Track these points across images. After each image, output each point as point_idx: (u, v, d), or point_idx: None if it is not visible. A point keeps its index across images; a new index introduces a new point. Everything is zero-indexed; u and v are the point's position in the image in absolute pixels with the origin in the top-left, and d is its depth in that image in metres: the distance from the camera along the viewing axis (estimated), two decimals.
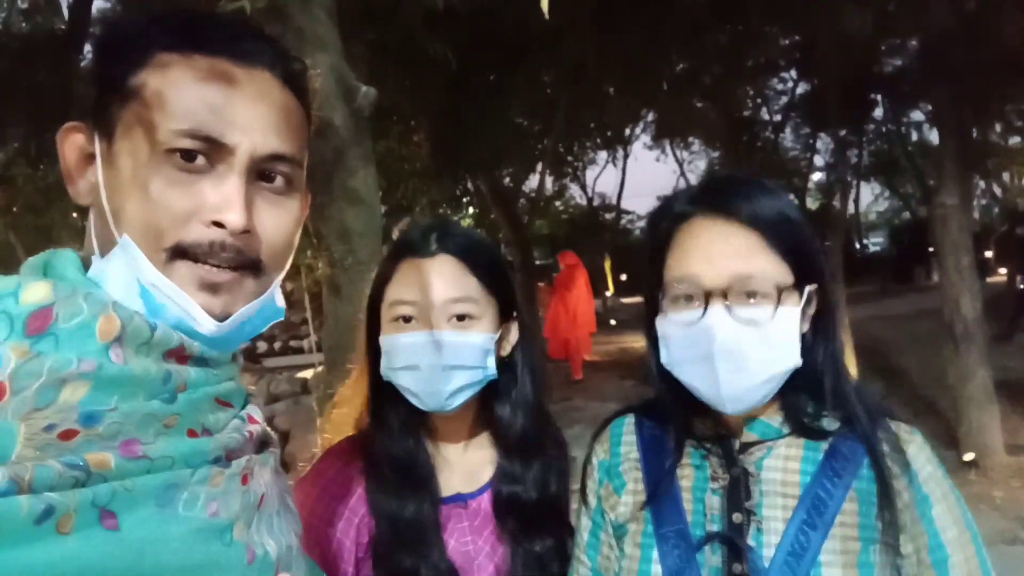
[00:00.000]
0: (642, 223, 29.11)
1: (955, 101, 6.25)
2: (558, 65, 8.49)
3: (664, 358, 1.12)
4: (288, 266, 0.85)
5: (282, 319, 0.85)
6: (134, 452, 0.67)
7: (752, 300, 1.04)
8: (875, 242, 32.11)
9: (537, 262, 14.84)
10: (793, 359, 1.06)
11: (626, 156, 19.85)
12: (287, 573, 0.81)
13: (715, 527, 1.09)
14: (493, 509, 1.32)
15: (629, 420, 1.26)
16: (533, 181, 12.86)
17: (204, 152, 0.74)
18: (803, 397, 1.12)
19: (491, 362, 1.27)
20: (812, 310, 1.11)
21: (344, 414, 1.43)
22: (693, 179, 24.56)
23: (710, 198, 1.11)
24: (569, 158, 13.79)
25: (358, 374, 1.39)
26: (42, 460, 0.61)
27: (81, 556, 0.61)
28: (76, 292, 0.69)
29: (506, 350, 1.34)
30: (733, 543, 1.07)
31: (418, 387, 1.23)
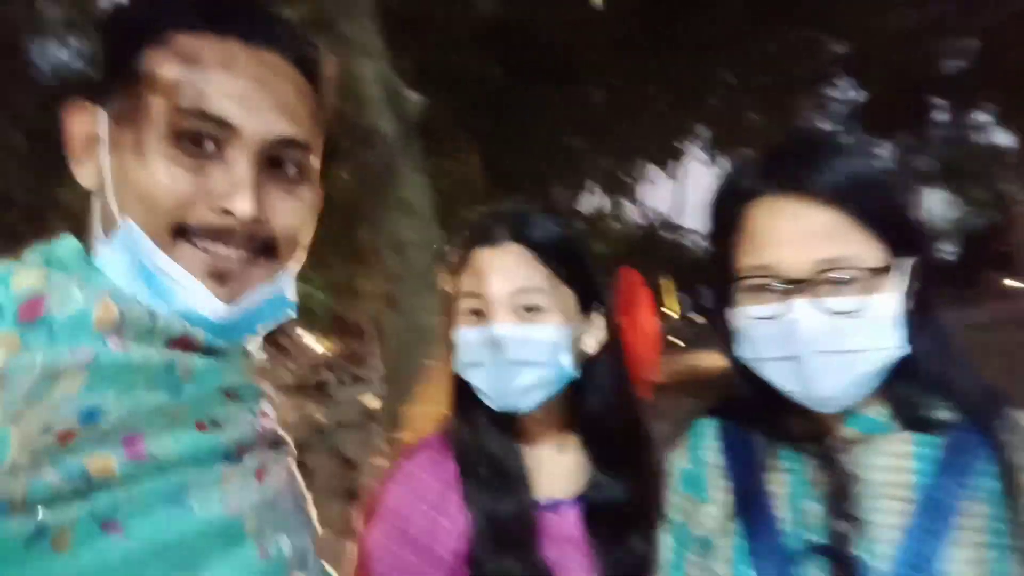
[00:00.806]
0: (705, 242, 28.53)
1: (1019, 100, 5.99)
2: (607, 82, 8.41)
3: (744, 353, 1.00)
4: (302, 257, 0.82)
5: (294, 311, 0.82)
6: (139, 453, 0.64)
7: (842, 288, 0.91)
8: (946, 251, 31.04)
9: None
10: (897, 347, 0.92)
11: (683, 174, 19.58)
12: (302, 572, 0.80)
13: (815, 536, 0.96)
14: (584, 519, 1.23)
15: (710, 423, 1.13)
16: (587, 200, 12.78)
17: (212, 136, 0.72)
18: (911, 384, 0.97)
19: (567, 359, 1.18)
20: (916, 286, 0.96)
21: (424, 412, 1.38)
22: None
23: (781, 173, 0.96)
24: (620, 175, 13.64)
25: (438, 370, 1.34)
26: (37, 470, 0.58)
27: (81, 566, 0.60)
28: (71, 280, 0.67)
29: (591, 347, 1.24)
30: (839, 555, 0.93)
31: (486, 385, 1.17)
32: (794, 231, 0.92)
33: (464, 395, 1.23)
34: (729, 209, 1.00)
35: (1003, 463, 0.90)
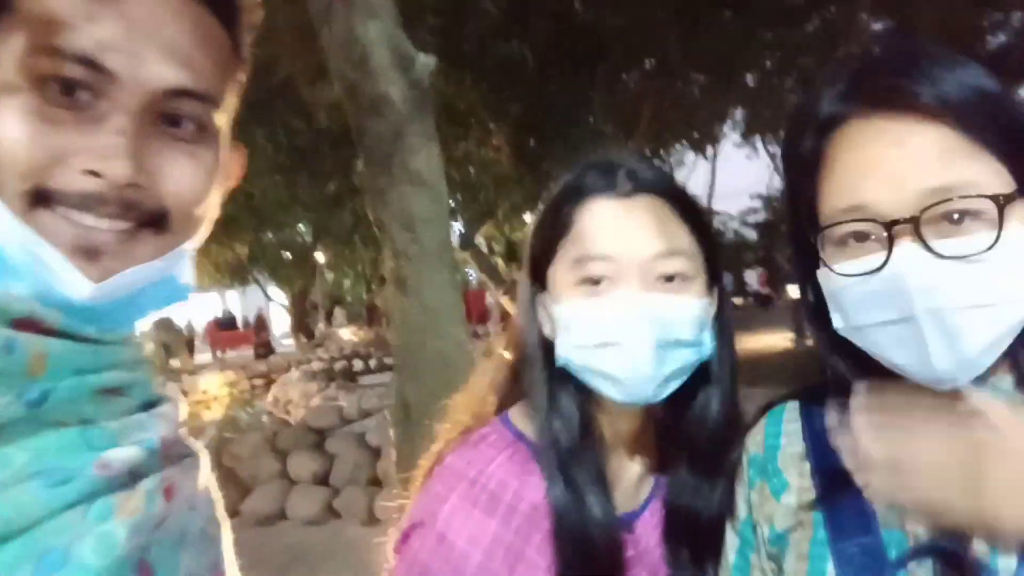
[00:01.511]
0: (735, 224, 28.33)
1: None
2: (640, 63, 8.22)
3: (838, 323, 0.81)
4: (202, 232, 0.70)
5: (187, 299, 0.71)
6: None
7: (959, 224, 0.71)
8: None
9: None
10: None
11: (715, 155, 19.27)
12: None
13: (921, 529, 0.77)
14: (665, 532, 1.04)
15: (792, 407, 0.95)
16: None
17: (86, 83, 0.60)
18: None
19: (708, 337, 0.99)
20: None
21: (466, 403, 1.15)
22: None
23: (873, 87, 0.77)
24: (655, 160, 13.41)
25: (498, 354, 1.13)
26: None
27: None
28: None
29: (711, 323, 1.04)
30: (953, 557, 0.74)
31: (620, 370, 0.93)
32: (893, 158, 0.73)
33: (555, 388, 1.01)
34: (808, 143, 0.80)
35: None
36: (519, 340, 1.08)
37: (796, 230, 0.85)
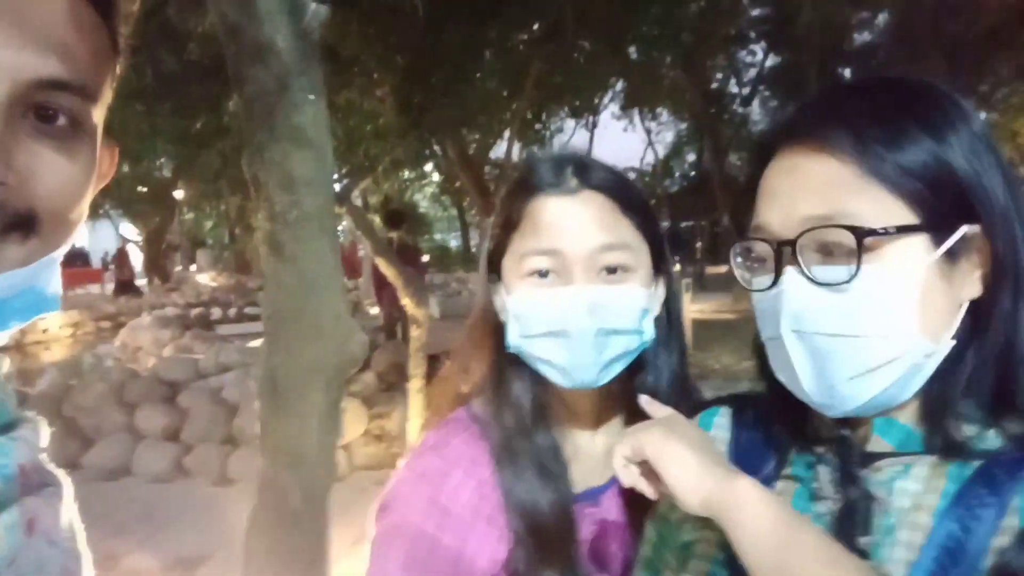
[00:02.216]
0: None
1: (928, 75, 6.15)
2: (531, 24, 8.16)
3: (760, 334, 0.85)
4: (73, 236, 0.63)
5: (57, 310, 0.62)
6: None
7: (834, 255, 0.74)
8: None
9: None
10: (913, 339, 0.72)
11: (595, 125, 19.58)
12: None
13: None
14: (629, 506, 1.09)
15: (724, 413, 0.98)
16: (500, 148, 12.58)
17: None
18: (961, 398, 0.76)
19: (649, 325, 1.06)
20: (982, 265, 0.75)
21: (444, 392, 1.20)
22: (661, 150, 24.67)
23: (795, 123, 0.81)
24: (537, 125, 13.47)
25: (468, 343, 1.17)
26: None
27: None
28: None
29: (656, 309, 1.10)
30: None
31: (565, 358, 1.01)
32: (788, 186, 0.77)
33: (506, 372, 1.09)
34: (755, 170, 0.85)
35: None
36: (474, 325, 1.15)
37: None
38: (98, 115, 0.62)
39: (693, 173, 29.71)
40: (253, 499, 2.75)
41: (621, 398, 1.12)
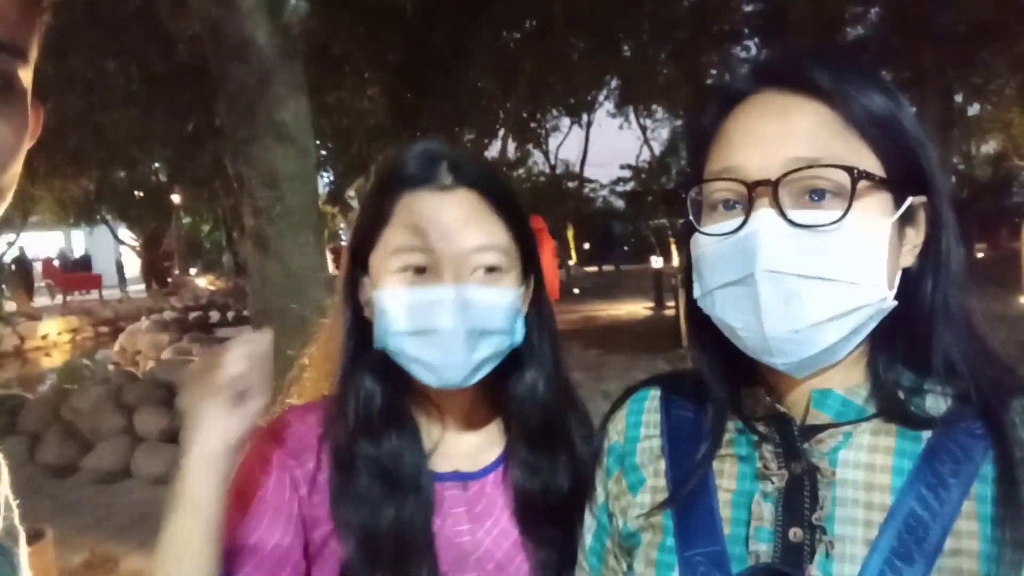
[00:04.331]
0: (604, 192, 29.07)
1: (917, 68, 6.15)
2: (522, 22, 8.15)
3: (696, 292, 0.81)
4: (8, 198, 0.61)
5: None
6: None
7: (819, 201, 0.72)
8: None
9: None
10: (879, 291, 0.73)
11: (589, 124, 19.59)
12: None
13: (763, 546, 0.76)
14: (507, 499, 1.07)
15: (654, 394, 0.94)
16: (495, 147, 12.56)
17: None
18: (900, 363, 0.78)
19: (520, 325, 1.04)
20: (919, 236, 0.77)
21: (315, 380, 1.14)
22: (656, 147, 24.64)
23: (771, 68, 0.79)
24: (532, 124, 13.47)
25: (329, 334, 1.11)
26: None
27: None
28: None
29: (524, 309, 1.07)
30: (787, 575, 0.73)
31: (434, 357, 0.97)
32: (769, 127, 0.75)
33: (361, 371, 1.04)
34: (709, 117, 0.82)
35: (1005, 463, 0.70)
36: (333, 323, 1.10)
37: (687, 202, 0.83)
38: (27, 75, 0.60)
39: None
40: None
41: (493, 398, 1.10)
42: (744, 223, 0.73)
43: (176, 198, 18.98)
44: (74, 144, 7.60)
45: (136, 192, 17.36)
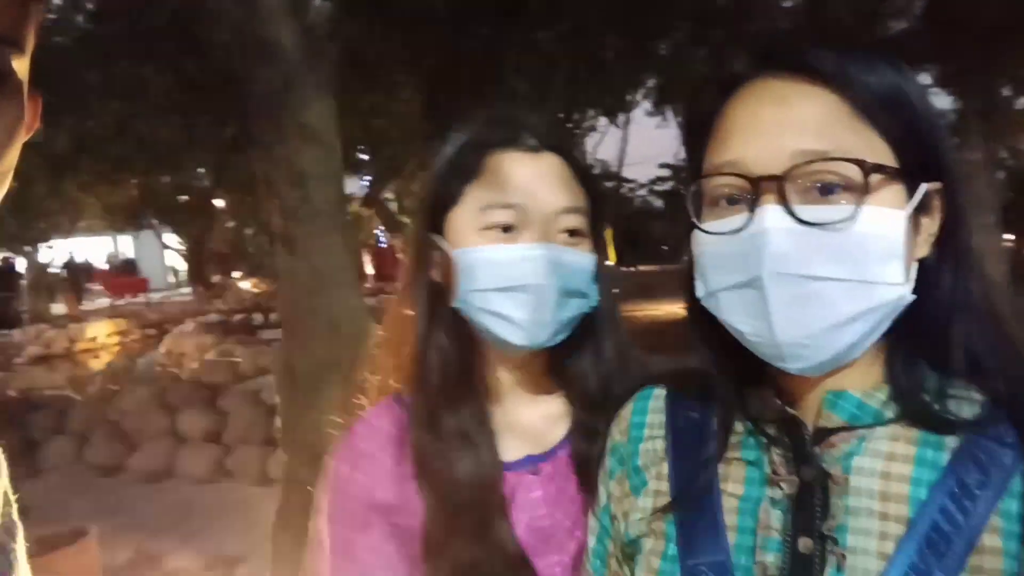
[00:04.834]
0: (643, 192, 28.82)
1: (964, 61, 6.03)
2: (556, 23, 8.14)
3: (699, 291, 0.77)
4: (4, 188, 0.60)
5: None
6: None
7: (828, 195, 0.68)
8: None
9: None
10: (896, 288, 0.68)
11: (627, 123, 19.43)
12: None
13: (770, 556, 0.73)
14: (576, 474, 1.06)
15: (659, 393, 0.91)
16: None
17: None
18: (921, 362, 0.73)
19: (595, 290, 1.05)
20: (934, 224, 0.72)
21: (386, 365, 1.17)
22: None
23: (773, 52, 0.74)
24: (569, 125, 13.42)
25: (397, 314, 1.12)
26: None
27: None
28: None
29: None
30: None
31: (523, 314, 0.98)
32: (774, 117, 0.70)
33: (438, 333, 1.06)
34: (706, 104, 0.78)
35: None
36: (406, 284, 1.11)
37: (687, 196, 0.80)
38: (22, 66, 0.59)
39: None
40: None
41: (558, 369, 1.10)
42: (749, 221, 0.70)
43: (219, 202, 19.31)
44: (117, 151, 7.76)
45: (180, 197, 17.69)
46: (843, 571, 0.69)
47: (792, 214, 0.68)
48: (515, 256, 0.98)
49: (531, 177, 1.00)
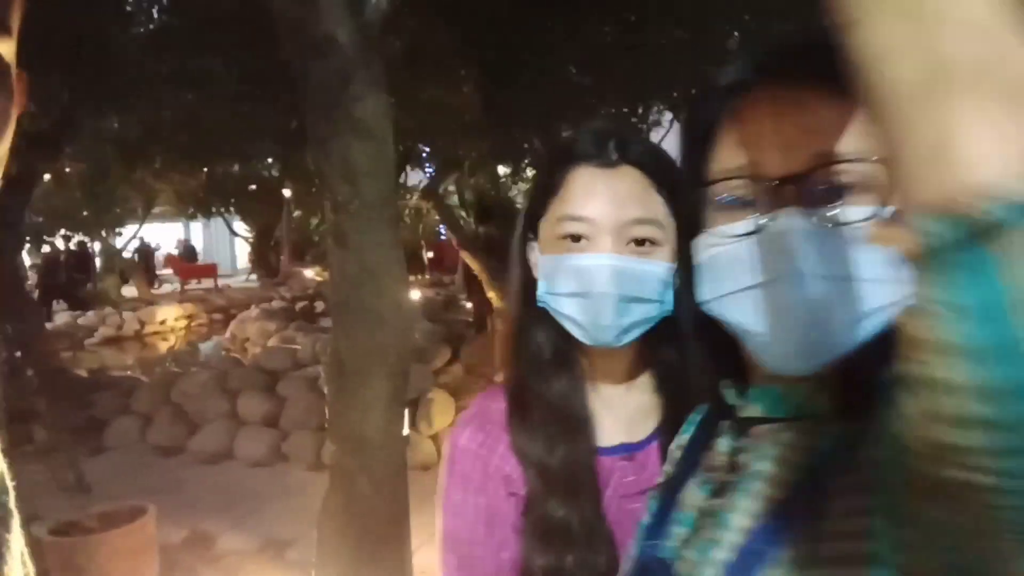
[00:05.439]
0: None
1: None
2: (618, 15, 8.06)
3: (703, 295, 0.77)
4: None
5: None
6: None
7: (846, 195, 0.68)
8: None
9: None
10: (904, 288, 0.68)
11: None
12: None
13: (683, 531, 0.80)
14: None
15: (702, 408, 0.96)
16: None
17: None
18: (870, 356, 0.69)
19: (670, 296, 1.10)
20: None
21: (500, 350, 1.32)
22: None
23: (779, 57, 0.75)
24: (633, 119, 13.27)
25: (506, 299, 1.26)
26: None
27: None
28: None
29: (677, 283, 1.12)
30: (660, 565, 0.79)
31: (586, 318, 1.08)
32: (789, 121, 0.70)
33: (531, 327, 1.16)
34: (709, 110, 0.78)
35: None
36: (510, 281, 1.22)
37: (687, 201, 0.82)
38: (9, 48, 0.59)
39: None
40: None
41: (650, 359, 1.16)
42: (767, 223, 0.69)
43: (286, 192, 19.72)
44: (186, 140, 7.97)
45: (249, 186, 18.13)
46: (710, 544, 0.73)
47: (814, 215, 0.67)
48: (579, 265, 1.06)
49: (603, 191, 1.08)
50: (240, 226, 24.21)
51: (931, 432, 0.45)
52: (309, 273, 21.80)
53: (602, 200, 1.07)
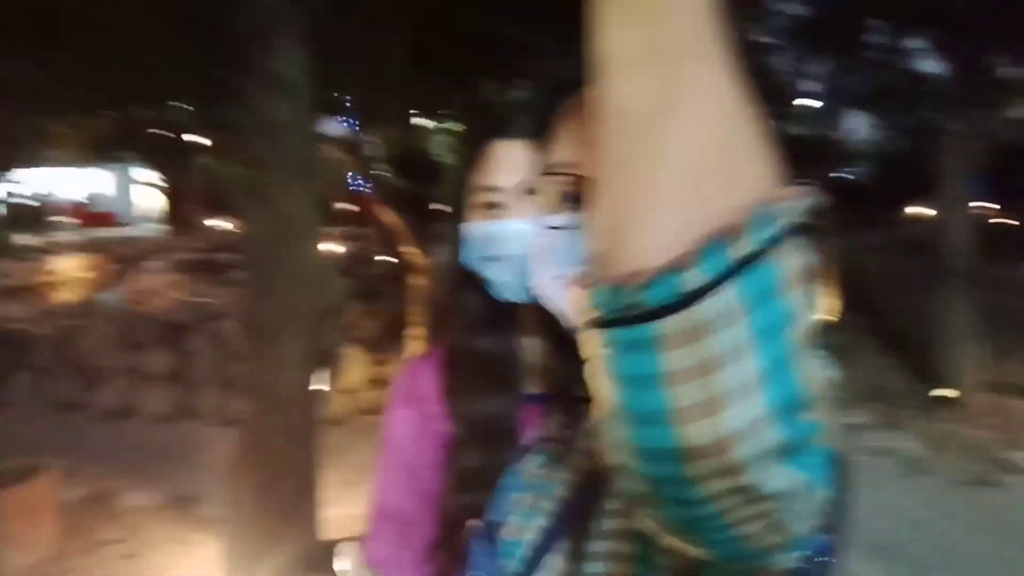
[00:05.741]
0: None
1: (958, 29, 6.01)
2: None
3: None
4: None
5: None
6: None
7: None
8: (857, 171, 33.14)
9: None
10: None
11: None
12: None
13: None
14: None
15: None
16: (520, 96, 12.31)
17: None
18: None
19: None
20: None
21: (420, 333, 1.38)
22: None
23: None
24: (562, 71, 13.24)
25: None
26: None
27: None
28: None
29: None
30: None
31: (501, 279, 1.18)
32: None
33: (461, 290, 1.24)
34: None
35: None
36: (439, 249, 1.29)
37: None
38: None
39: None
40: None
41: None
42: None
43: (197, 140, 18.92)
44: (89, 80, 7.53)
45: (157, 133, 17.31)
46: (512, 539, 0.77)
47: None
48: (492, 231, 1.16)
49: (507, 160, 1.17)
50: (151, 175, 23.19)
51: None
52: (228, 226, 21.12)
53: (506, 169, 1.17)
